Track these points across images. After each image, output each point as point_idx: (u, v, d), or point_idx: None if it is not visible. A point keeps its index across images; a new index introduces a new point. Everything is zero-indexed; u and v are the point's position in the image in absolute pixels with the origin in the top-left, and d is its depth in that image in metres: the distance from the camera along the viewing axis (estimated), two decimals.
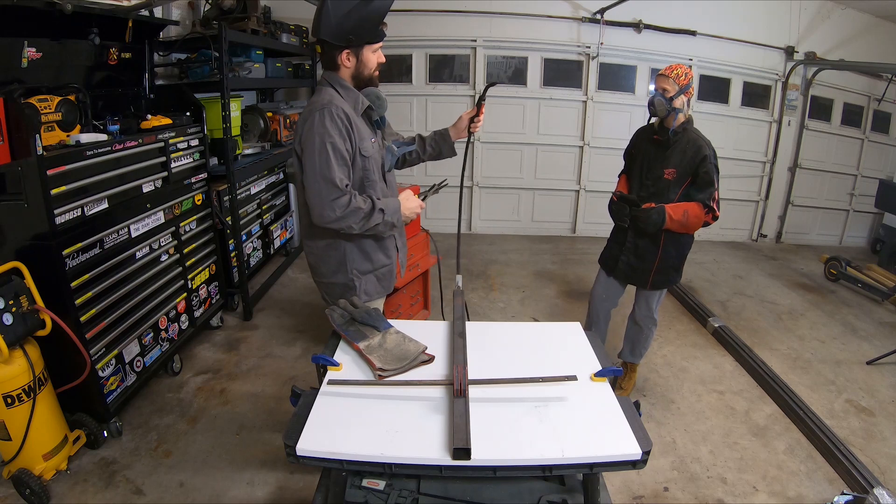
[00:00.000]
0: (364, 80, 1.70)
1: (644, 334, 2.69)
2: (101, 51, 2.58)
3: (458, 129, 1.95)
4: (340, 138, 1.59)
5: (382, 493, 1.23)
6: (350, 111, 1.64)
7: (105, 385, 2.25)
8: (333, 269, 1.80)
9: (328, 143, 1.57)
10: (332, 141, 1.57)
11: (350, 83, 1.69)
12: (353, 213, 1.60)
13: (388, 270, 1.88)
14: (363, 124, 1.71)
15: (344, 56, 1.64)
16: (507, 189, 5.55)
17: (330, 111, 1.58)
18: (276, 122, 4.12)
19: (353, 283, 1.79)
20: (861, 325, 3.78)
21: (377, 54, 1.69)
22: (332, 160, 1.57)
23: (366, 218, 1.63)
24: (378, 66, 1.71)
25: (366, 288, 1.82)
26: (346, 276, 1.79)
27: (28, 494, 1.94)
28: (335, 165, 1.57)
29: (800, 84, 5.31)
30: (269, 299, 3.85)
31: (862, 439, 2.50)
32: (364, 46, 1.64)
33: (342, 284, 1.81)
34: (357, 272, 1.79)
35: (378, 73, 1.73)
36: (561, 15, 5.02)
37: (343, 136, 1.59)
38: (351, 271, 1.78)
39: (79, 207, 2.10)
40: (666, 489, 2.15)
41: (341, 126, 1.59)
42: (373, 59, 1.68)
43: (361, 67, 1.67)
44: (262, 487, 2.09)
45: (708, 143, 2.33)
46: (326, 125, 1.57)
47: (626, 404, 1.19)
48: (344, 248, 1.76)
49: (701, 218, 2.32)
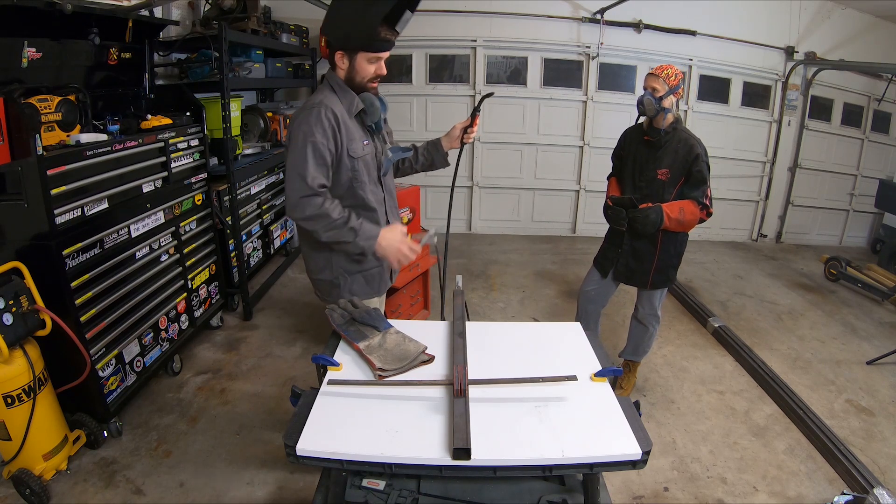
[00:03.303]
0: (357, 87, 1.67)
1: (648, 332, 2.69)
2: (101, 51, 2.58)
3: (451, 139, 1.93)
4: (323, 138, 1.58)
5: (382, 493, 1.23)
6: (342, 112, 1.64)
7: (105, 385, 2.25)
8: (321, 265, 1.80)
9: (310, 141, 1.57)
10: (313, 140, 1.57)
11: (346, 84, 1.68)
12: (322, 218, 1.59)
13: (378, 272, 1.85)
14: (355, 126, 1.69)
15: (338, 57, 1.64)
16: (507, 189, 5.55)
17: (319, 111, 1.58)
18: (276, 122, 4.12)
19: (339, 281, 1.79)
20: (861, 325, 3.78)
21: (376, 65, 1.65)
22: (310, 159, 1.57)
23: (334, 229, 1.60)
24: (375, 76, 1.67)
25: (351, 287, 1.80)
26: (331, 274, 1.79)
27: (28, 494, 1.94)
28: (311, 165, 1.57)
29: (800, 84, 5.31)
30: (269, 299, 3.85)
31: (862, 439, 2.50)
32: (359, 53, 1.61)
33: (328, 282, 1.81)
34: (343, 271, 1.79)
35: (375, 83, 1.69)
36: (561, 15, 5.02)
37: (327, 137, 1.59)
38: (336, 269, 1.78)
39: (79, 207, 2.10)
40: (666, 489, 2.15)
41: (327, 126, 1.59)
42: (367, 68, 1.64)
43: (353, 73, 1.65)
44: (262, 487, 2.09)
45: (699, 142, 2.34)
46: (311, 124, 1.58)
47: (626, 404, 1.19)
48: (330, 246, 1.74)
49: (696, 215, 2.33)
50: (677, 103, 2.35)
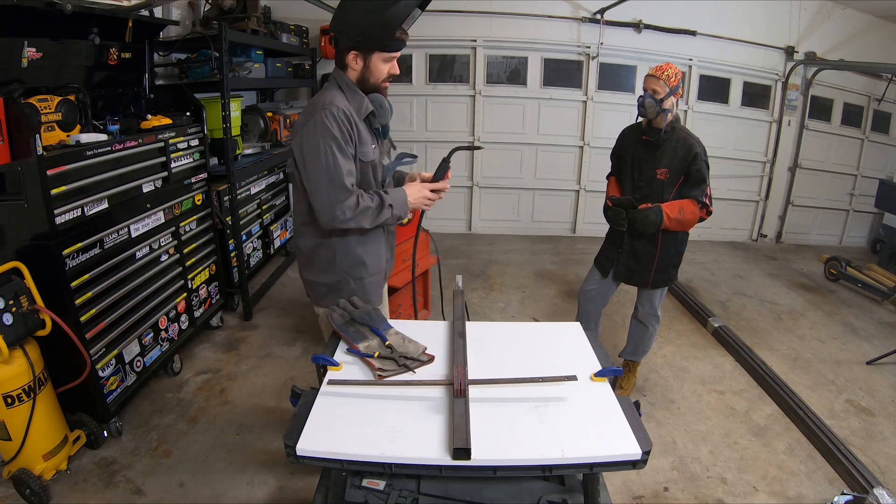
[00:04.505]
0: (369, 87, 1.62)
1: (648, 332, 2.69)
2: (101, 51, 2.58)
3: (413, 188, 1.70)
4: (343, 139, 1.53)
5: (382, 493, 1.23)
6: (352, 113, 1.57)
7: (105, 385, 2.25)
8: (324, 267, 1.75)
9: (332, 144, 1.51)
10: (335, 142, 1.51)
11: (356, 86, 1.61)
12: (363, 213, 1.57)
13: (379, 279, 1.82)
14: (365, 129, 1.64)
15: (351, 57, 1.57)
16: (507, 189, 5.55)
17: (331, 111, 1.51)
18: (276, 122, 4.11)
19: (340, 285, 1.74)
20: (861, 325, 3.78)
21: (390, 65, 1.61)
22: (340, 161, 1.52)
23: (374, 215, 1.59)
24: (389, 76, 1.63)
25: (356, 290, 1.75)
26: (334, 277, 1.74)
27: (28, 494, 1.93)
28: (342, 167, 1.52)
29: (800, 84, 5.31)
30: (269, 299, 3.85)
31: (862, 439, 2.50)
32: (374, 52, 1.55)
33: (328, 285, 1.76)
34: (347, 275, 1.74)
35: (388, 84, 1.65)
36: (561, 15, 5.02)
37: (346, 137, 1.54)
38: (340, 273, 1.73)
39: (79, 207, 2.10)
40: (666, 489, 2.15)
41: (343, 127, 1.53)
42: (383, 68, 1.59)
43: (368, 74, 1.59)
44: (262, 488, 2.09)
45: (697, 141, 2.33)
46: (329, 126, 1.51)
47: (626, 404, 1.19)
48: (335, 249, 1.71)
49: (696, 214, 2.33)
50: (676, 103, 2.35)
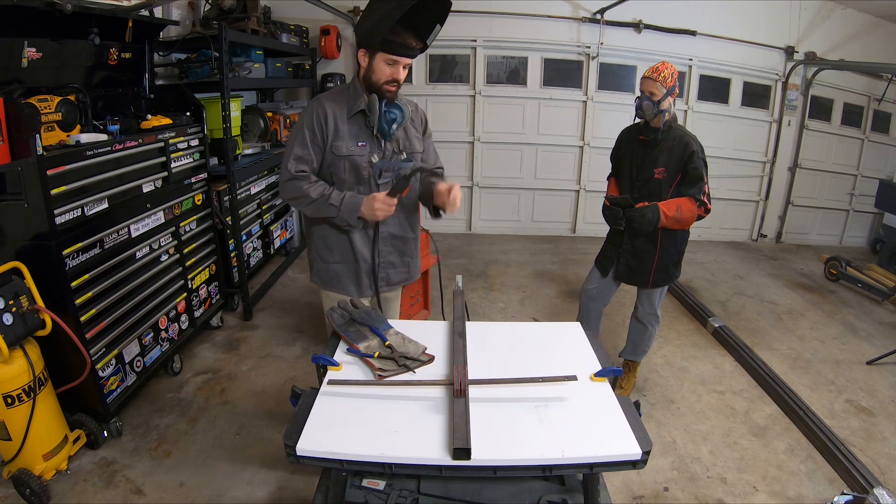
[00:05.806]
0: (371, 87, 1.69)
1: (648, 332, 2.69)
2: (101, 51, 2.58)
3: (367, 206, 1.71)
4: (309, 130, 1.71)
5: (382, 493, 1.23)
6: (336, 110, 1.72)
7: (105, 385, 2.25)
8: (309, 245, 1.95)
9: (298, 132, 1.73)
10: (300, 131, 1.72)
11: (361, 84, 1.71)
12: (302, 198, 1.72)
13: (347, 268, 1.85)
14: (353, 125, 1.73)
15: (360, 54, 1.70)
16: (507, 189, 5.55)
17: (312, 104, 1.74)
18: (276, 122, 4.12)
19: (314, 263, 1.92)
20: (861, 325, 3.78)
21: (393, 69, 1.66)
22: (294, 148, 1.72)
23: (314, 206, 1.72)
24: (392, 80, 1.67)
25: (320, 275, 1.91)
26: (310, 254, 1.94)
27: (28, 494, 1.93)
28: (294, 153, 1.72)
29: (800, 84, 5.31)
30: (269, 299, 3.85)
31: (862, 439, 2.50)
32: (378, 53, 1.64)
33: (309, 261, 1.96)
34: (318, 256, 1.90)
35: (392, 87, 1.69)
36: (561, 15, 5.02)
37: (313, 129, 1.71)
38: (314, 252, 1.91)
39: (79, 207, 2.10)
40: (666, 489, 2.15)
41: (315, 120, 1.70)
42: (384, 69, 1.66)
43: (371, 72, 1.68)
44: (262, 487, 2.09)
45: (694, 139, 2.34)
46: (304, 116, 1.74)
47: (626, 404, 1.19)
48: (312, 231, 1.89)
49: (694, 212, 2.32)
50: (674, 102, 2.35)
